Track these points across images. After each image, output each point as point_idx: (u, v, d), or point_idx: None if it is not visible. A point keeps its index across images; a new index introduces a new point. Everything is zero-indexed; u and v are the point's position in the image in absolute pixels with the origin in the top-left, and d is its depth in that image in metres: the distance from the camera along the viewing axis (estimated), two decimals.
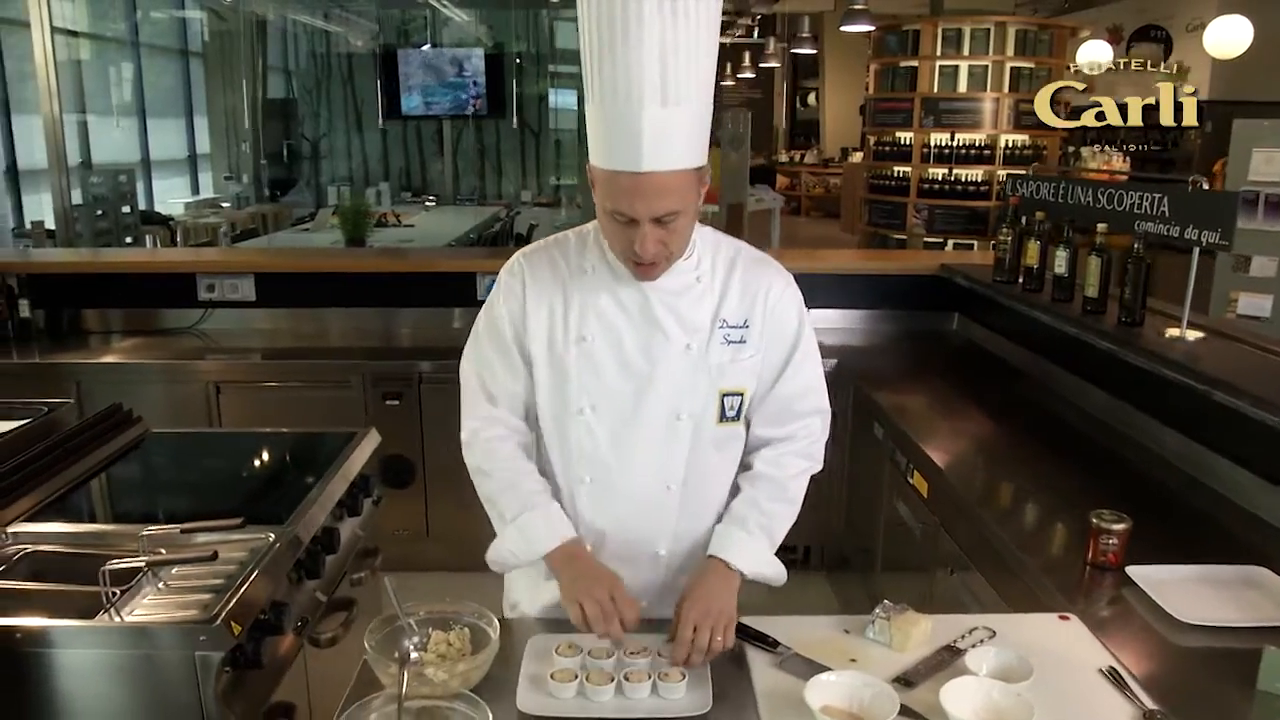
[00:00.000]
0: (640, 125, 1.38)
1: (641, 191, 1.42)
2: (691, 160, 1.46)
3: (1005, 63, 9.25)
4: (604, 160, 1.45)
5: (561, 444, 1.68)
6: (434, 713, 1.35)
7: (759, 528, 1.66)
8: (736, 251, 1.67)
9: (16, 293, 3.82)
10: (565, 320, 1.62)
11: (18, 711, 1.68)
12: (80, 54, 8.40)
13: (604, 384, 1.62)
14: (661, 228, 1.46)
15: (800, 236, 13.82)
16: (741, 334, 1.63)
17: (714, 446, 1.67)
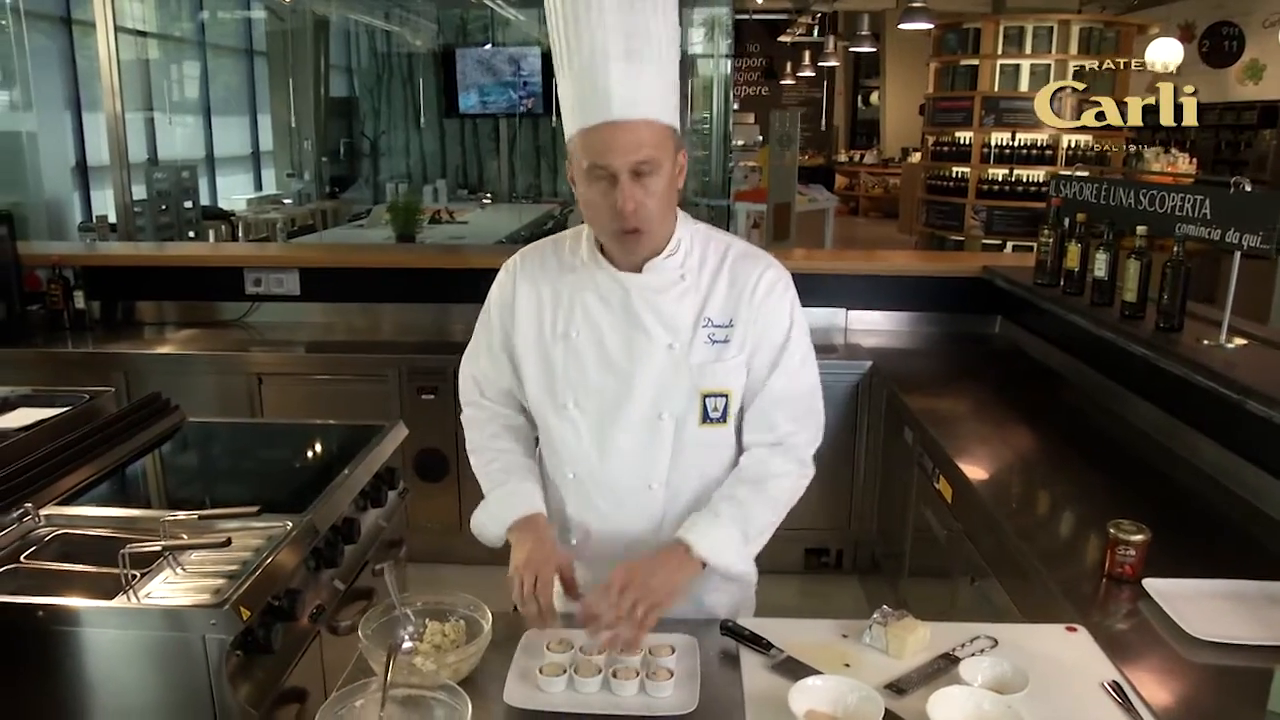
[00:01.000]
0: (609, 80, 1.44)
1: (616, 140, 1.45)
2: (662, 114, 1.49)
3: (1069, 61, 9.05)
4: (578, 120, 1.48)
5: (548, 438, 1.70)
6: (418, 702, 1.37)
7: (731, 518, 1.60)
8: (727, 247, 1.65)
9: (72, 284, 3.96)
10: (553, 315, 1.65)
11: (41, 685, 1.74)
12: (149, 53, 8.66)
13: (587, 380, 1.63)
14: (639, 184, 1.47)
15: (856, 238, 13.68)
16: (726, 333, 1.61)
17: (699, 448, 1.65)
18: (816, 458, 3.65)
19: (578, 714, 1.39)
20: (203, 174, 9.39)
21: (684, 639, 1.55)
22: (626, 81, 1.45)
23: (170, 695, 1.73)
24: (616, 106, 1.44)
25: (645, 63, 1.47)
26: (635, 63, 1.46)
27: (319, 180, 11.00)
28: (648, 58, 1.47)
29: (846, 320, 4.16)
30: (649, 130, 1.47)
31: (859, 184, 16.62)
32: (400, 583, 2.59)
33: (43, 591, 1.77)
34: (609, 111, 1.44)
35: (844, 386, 3.66)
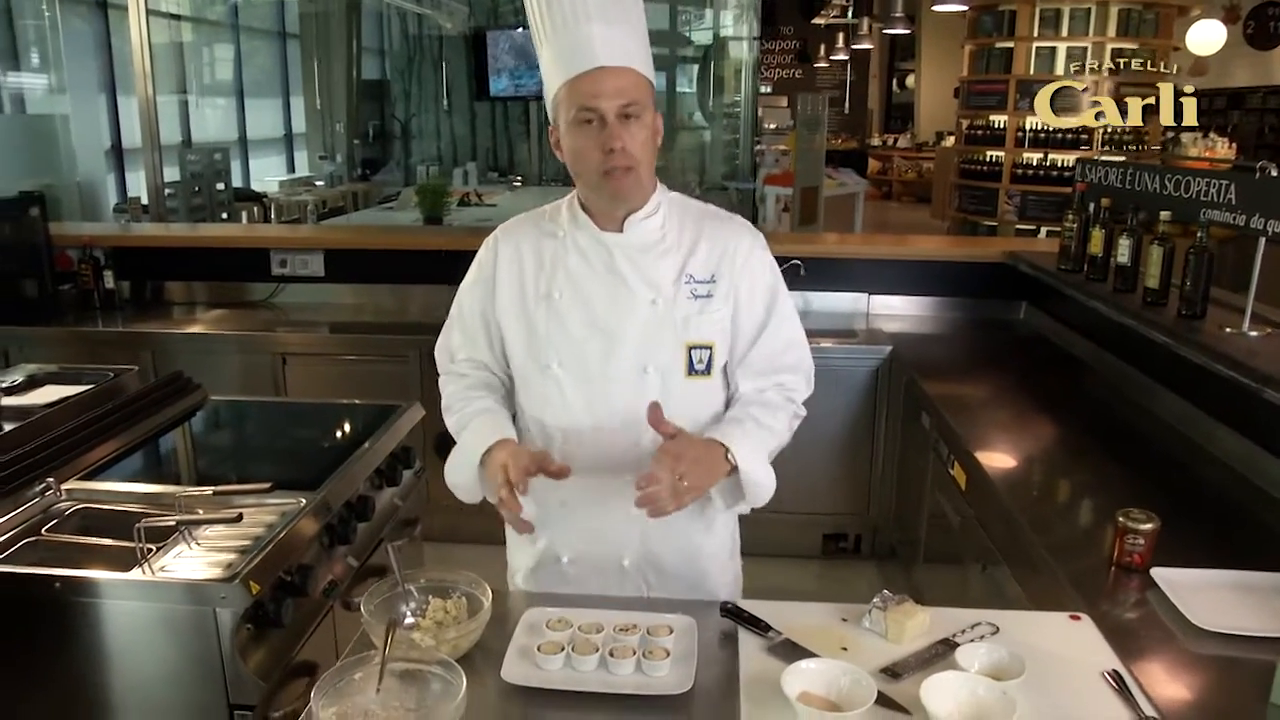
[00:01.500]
0: (591, 35, 1.54)
1: (604, 83, 1.53)
2: (641, 66, 1.58)
3: (1106, 44, 8.88)
4: (564, 73, 1.55)
5: (535, 400, 1.73)
6: (416, 676, 1.39)
7: (756, 427, 1.65)
8: (704, 212, 1.73)
9: (103, 265, 4.04)
10: (535, 279, 1.69)
11: (59, 654, 1.79)
12: (183, 37, 8.75)
13: (571, 340, 1.66)
14: (627, 128, 1.54)
15: (887, 223, 13.56)
16: (709, 289, 1.66)
17: (686, 401, 1.68)
18: (834, 442, 3.67)
19: (574, 692, 1.40)
20: (236, 156, 9.50)
21: (683, 620, 1.55)
22: (608, 36, 1.54)
23: (182, 666, 1.78)
24: (602, 54, 1.53)
25: (622, 24, 1.57)
26: (613, 24, 1.56)
27: (350, 163, 11.07)
28: (624, 20, 1.58)
29: (868, 305, 4.14)
30: (633, 77, 1.55)
31: (892, 168, 16.45)
32: (415, 560, 2.64)
33: (62, 564, 1.82)
34: (595, 59, 1.53)
35: (863, 372, 3.64)
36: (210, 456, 2.62)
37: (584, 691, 1.41)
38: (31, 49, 6.41)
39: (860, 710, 1.32)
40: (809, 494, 3.77)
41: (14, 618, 1.78)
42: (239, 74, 10.10)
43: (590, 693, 1.40)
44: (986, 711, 1.33)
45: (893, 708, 1.37)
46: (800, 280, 3.98)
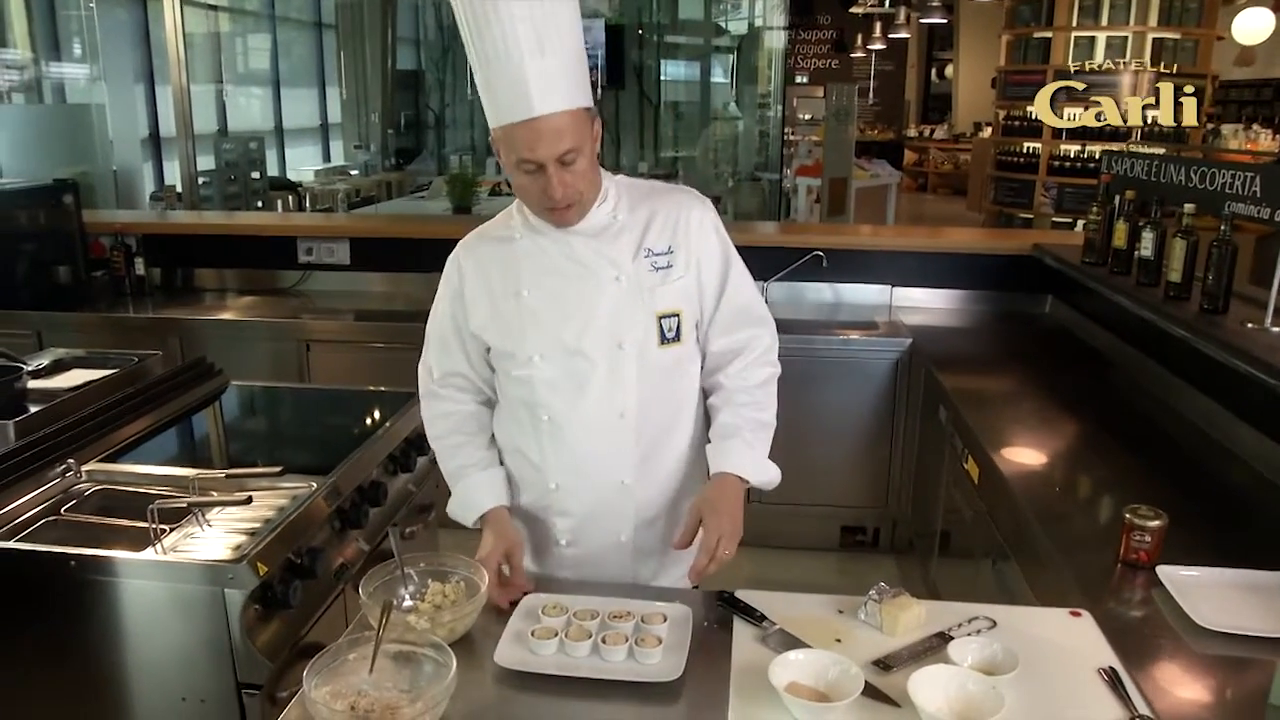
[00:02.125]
0: (525, 76, 1.49)
1: (540, 135, 1.51)
2: (578, 100, 1.55)
3: (1147, 33, 8.72)
4: (502, 117, 1.54)
5: (519, 393, 1.76)
6: (410, 657, 1.41)
7: (753, 434, 1.75)
8: (650, 189, 1.77)
9: (134, 252, 4.11)
10: (502, 282, 1.72)
11: (74, 631, 1.84)
12: (220, 27, 8.86)
13: (546, 331, 1.70)
14: (566, 170, 1.55)
15: (923, 215, 13.42)
16: (668, 259, 1.70)
17: (661, 370, 1.73)
18: (853, 434, 3.66)
19: (565, 677, 1.42)
20: (272, 145, 9.62)
21: (679, 609, 1.57)
22: (542, 76, 1.50)
23: (192, 644, 1.81)
24: (536, 102, 1.50)
25: (557, 55, 1.52)
26: (548, 56, 1.50)
27: (384, 152, 11.17)
28: (559, 49, 1.52)
29: (891, 297, 4.11)
30: (569, 119, 1.53)
31: (928, 160, 16.26)
32: (430, 546, 2.67)
33: (78, 543, 1.86)
34: (529, 108, 1.50)
35: (884, 364, 3.62)
36: (229, 441, 2.67)
37: (575, 677, 1.42)
38: (73, 40, 6.54)
39: (846, 701, 1.33)
40: (827, 486, 3.76)
41: (32, 594, 1.83)
42: (275, 64, 10.21)
43: (582, 678, 1.42)
44: (975, 706, 1.33)
45: (881, 700, 1.37)
46: (822, 271, 3.96)
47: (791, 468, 3.76)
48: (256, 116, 9.84)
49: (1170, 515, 1.81)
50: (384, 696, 1.33)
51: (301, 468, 2.23)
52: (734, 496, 1.68)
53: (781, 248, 4.03)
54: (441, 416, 1.85)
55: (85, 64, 6.57)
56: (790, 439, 3.61)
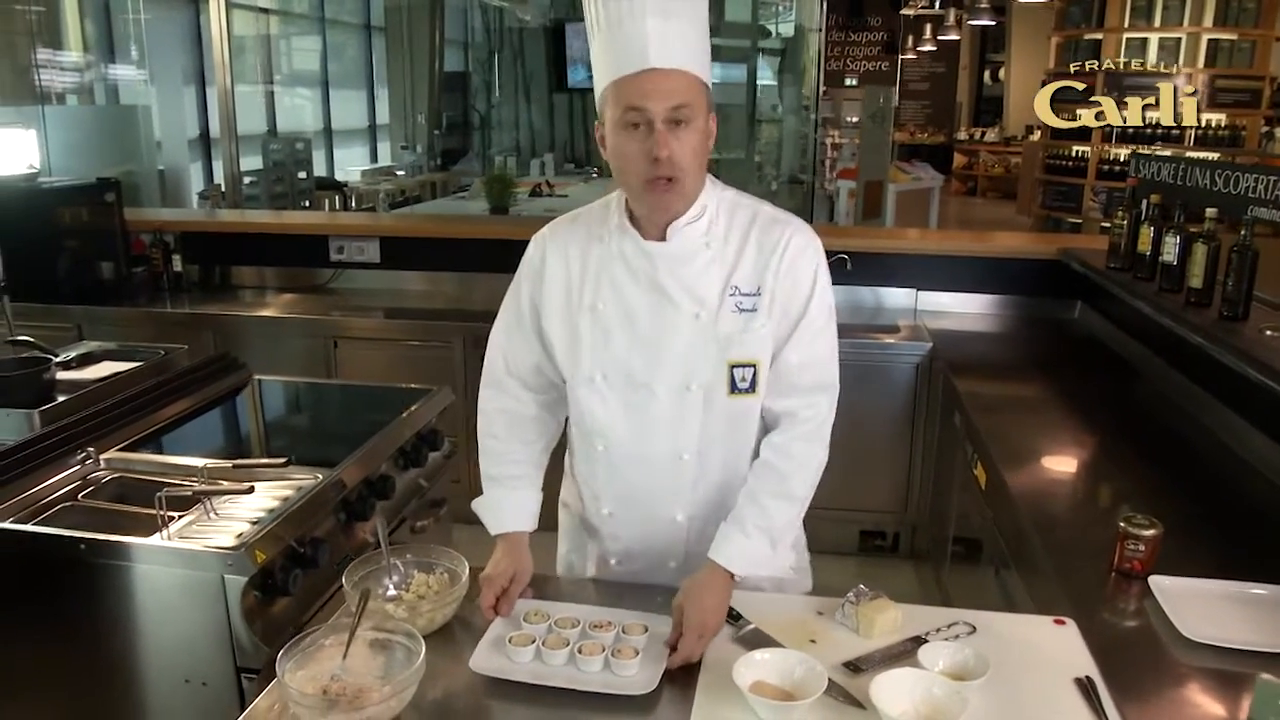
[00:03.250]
0: (645, 31, 1.45)
1: (654, 85, 1.45)
2: (696, 67, 1.50)
3: (1201, 34, 8.51)
4: (614, 72, 1.48)
5: (577, 410, 1.70)
6: (385, 644, 1.45)
7: (757, 529, 1.61)
8: (755, 213, 1.63)
9: (171, 249, 4.24)
10: (580, 287, 1.65)
11: (84, 612, 1.91)
12: (271, 29, 9.07)
13: (613, 352, 1.63)
14: (674, 133, 1.47)
15: (970, 219, 13.24)
16: (754, 301, 1.59)
17: (728, 418, 1.64)
18: (874, 438, 3.63)
19: (539, 685, 1.41)
20: (320, 146, 9.81)
21: (662, 622, 1.54)
22: (663, 34, 1.46)
23: (194, 628, 1.87)
24: (654, 54, 1.45)
25: (679, 20, 1.48)
26: (670, 19, 1.47)
27: (430, 153, 11.32)
28: (681, 16, 1.49)
29: (916, 301, 4.07)
30: (685, 79, 1.48)
31: (978, 163, 16.03)
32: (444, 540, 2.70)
33: (92, 528, 1.92)
34: (646, 59, 1.45)
35: (904, 368, 3.59)
36: (246, 433, 2.74)
37: (549, 686, 1.41)
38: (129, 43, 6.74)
39: (808, 700, 1.33)
40: (847, 490, 3.73)
41: (46, 576, 1.91)
42: (325, 66, 10.41)
43: (554, 687, 1.41)
44: (940, 710, 1.32)
45: (847, 701, 1.38)
46: (847, 274, 3.94)
47: None
48: (306, 117, 10.04)
49: (1178, 526, 1.79)
50: (356, 682, 1.37)
51: (317, 460, 2.28)
52: (718, 588, 1.56)
53: None
54: (499, 412, 1.77)
55: (138, 67, 6.76)
56: None
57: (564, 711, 1.38)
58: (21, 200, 3.88)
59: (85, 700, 1.98)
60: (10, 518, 1.97)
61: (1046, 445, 2.54)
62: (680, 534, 1.73)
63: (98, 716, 1.98)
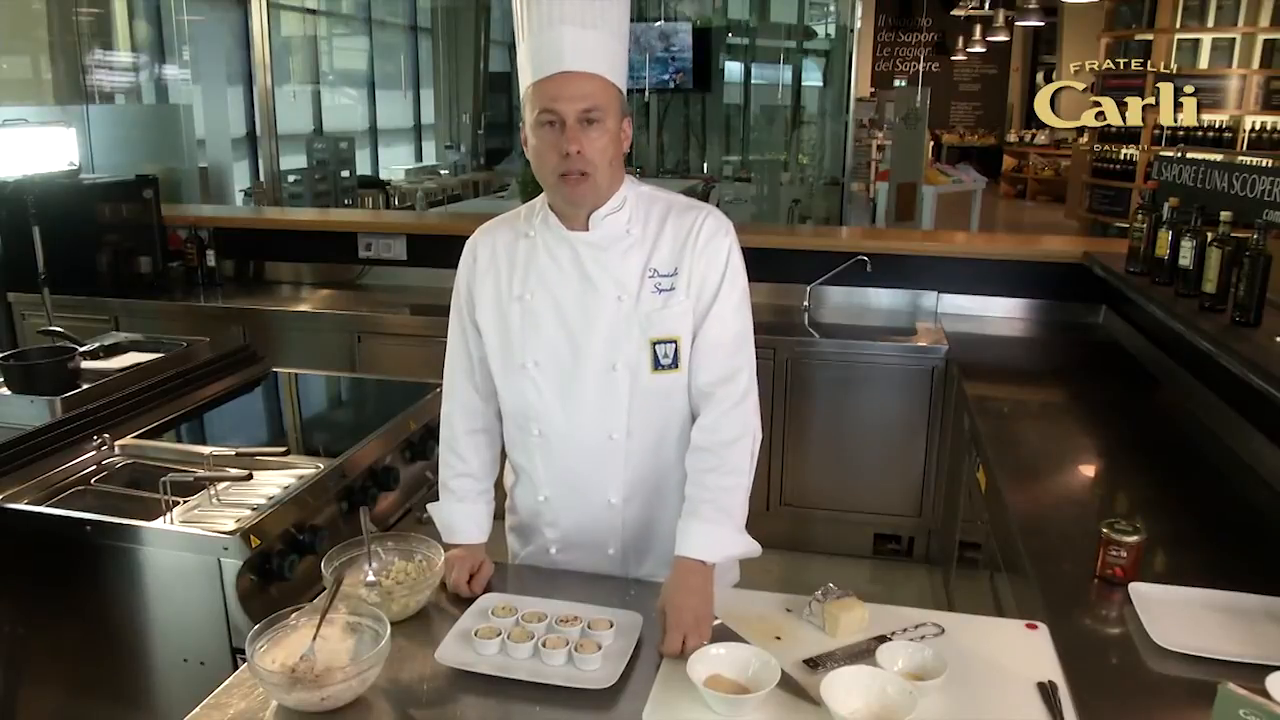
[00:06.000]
0: (562, 37, 1.55)
1: (567, 88, 1.55)
2: (610, 72, 1.59)
3: (1257, 35, 8.29)
4: (533, 73, 1.58)
5: (512, 400, 1.77)
6: (355, 627, 1.49)
7: (715, 511, 1.64)
8: (670, 203, 1.72)
9: (206, 244, 4.36)
10: (509, 282, 1.72)
11: (90, 591, 1.99)
12: (319, 31, 9.25)
13: (543, 339, 1.70)
14: (585, 132, 1.56)
15: (1017, 222, 13.05)
16: (672, 281, 1.67)
17: (654, 396, 1.70)
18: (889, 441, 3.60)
19: (502, 678, 1.44)
20: (366, 145, 9.98)
21: (629, 617, 1.57)
22: (579, 41, 1.56)
23: (192, 609, 1.94)
24: (569, 59, 1.55)
25: (596, 29, 1.58)
26: (588, 29, 1.56)
27: (474, 152, 11.45)
28: (599, 26, 1.58)
29: (938, 304, 4.04)
30: (597, 83, 1.57)
31: (1027, 165, 15.77)
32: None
33: (100, 511, 2.01)
34: (561, 63, 1.55)
35: (920, 371, 3.57)
36: (260, 423, 2.82)
37: (511, 679, 1.44)
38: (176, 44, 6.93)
39: (759, 694, 1.35)
40: (862, 492, 3.73)
41: (55, 556, 1.99)
42: (371, 67, 10.59)
43: (517, 680, 1.44)
44: (891, 708, 1.33)
45: (801, 697, 1.39)
46: (866, 276, 3.92)
47: (827, 473, 3.78)
48: (353, 117, 10.22)
49: (1179, 535, 1.77)
50: (325, 662, 1.41)
51: (327, 450, 2.35)
52: (696, 584, 1.58)
53: (824, 251, 4.00)
54: (457, 420, 1.85)
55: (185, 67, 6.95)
56: (827, 444, 3.67)
57: (525, 704, 1.41)
58: (63, 196, 4.02)
59: (89, 676, 2.06)
60: (26, 499, 2.06)
61: (1049, 451, 2.52)
62: (616, 518, 1.78)
63: (100, 692, 2.06)
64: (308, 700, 1.34)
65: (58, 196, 3.98)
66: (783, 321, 3.98)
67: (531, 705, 1.41)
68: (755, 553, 1.73)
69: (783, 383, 3.67)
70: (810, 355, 3.67)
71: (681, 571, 1.61)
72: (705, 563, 1.61)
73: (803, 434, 3.71)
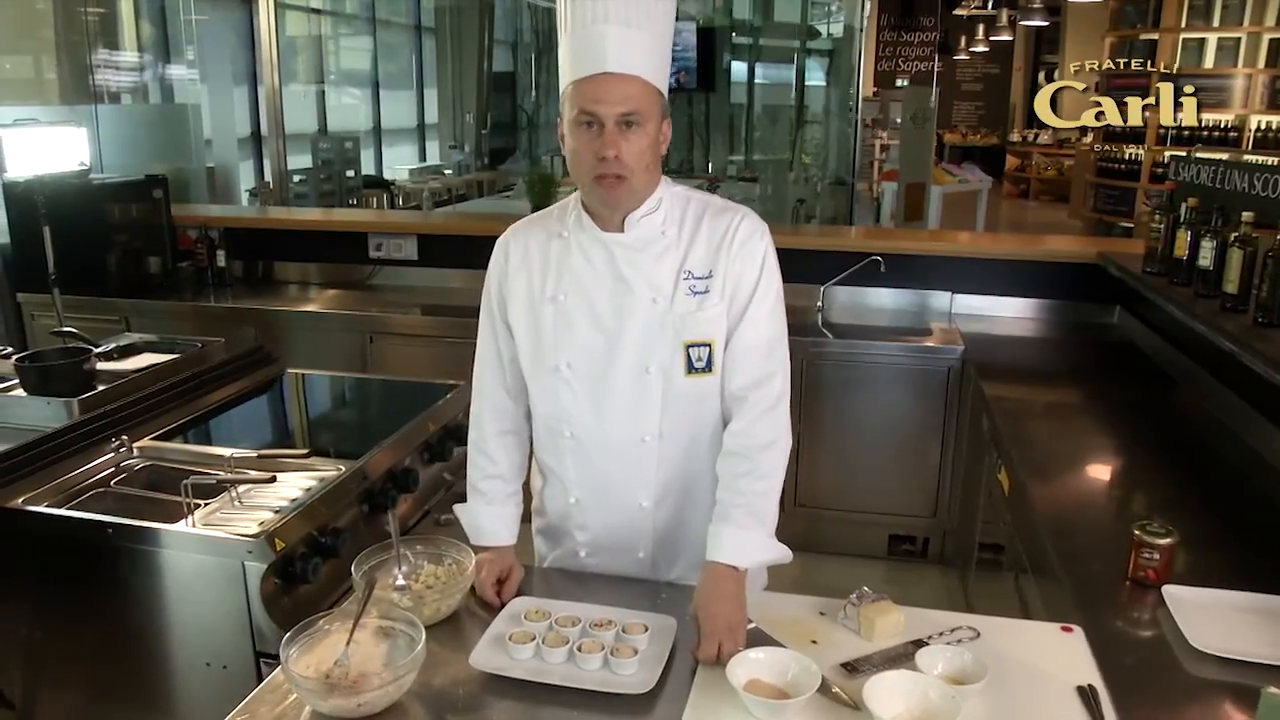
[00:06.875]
0: (605, 37, 1.53)
1: (607, 89, 1.53)
2: (652, 75, 1.56)
3: (1262, 34, 8.28)
4: (573, 73, 1.56)
5: (544, 402, 1.75)
6: (388, 632, 1.48)
7: (747, 516, 1.63)
8: (705, 204, 1.70)
9: (216, 244, 4.34)
10: (542, 281, 1.71)
11: (111, 594, 1.98)
12: (323, 30, 9.23)
13: (576, 341, 1.68)
14: (623, 135, 1.54)
15: (1020, 222, 13.04)
16: (706, 284, 1.65)
17: (687, 399, 1.69)
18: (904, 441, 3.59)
19: (538, 683, 1.42)
20: (370, 145, 9.96)
21: (664, 621, 1.56)
22: (623, 41, 1.53)
23: (215, 612, 1.93)
24: (611, 59, 1.52)
25: (640, 30, 1.55)
26: (631, 28, 1.54)
27: (478, 152, 11.43)
28: (642, 26, 1.56)
29: (951, 304, 4.03)
30: (638, 85, 1.54)
31: (1030, 165, 15.77)
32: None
33: (121, 514, 2.00)
34: (603, 64, 1.52)
35: (935, 371, 3.56)
36: (276, 424, 2.80)
37: (547, 684, 1.42)
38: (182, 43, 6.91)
39: (800, 699, 1.33)
40: (877, 493, 3.72)
41: (74, 558, 1.98)
42: (375, 66, 10.57)
43: (553, 685, 1.42)
44: (933, 713, 1.32)
45: (841, 702, 1.38)
46: (880, 277, 3.91)
47: (842, 474, 3.76)
48: (357, 117, 10.20)
49: (1206, 537, 1.76)
50: (359, 668, 1.40)
51: (345, 452, 2.33)
52: (729, 590, 1.57)
53: (838, 252, 3.99)
54: (487, 420, 1.83)
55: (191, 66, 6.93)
56: (842, 445, 3.66)
57: (561, 709, 1.39)
58: (73, 195, 4.00)
59: (111, 679, 2.05)
60: (46, 501, 2.04)
61: (1071, 452, 2.51)
62: (647, 521, 1.77)
63: (122, 695, 2.05)
64: (344, 707, 1.33)
65: (68, 196, 3.96)
66: (796, 322, 3.95)
67: (568, 710, 1.39)
68: (786, 559, 1.71)
69: (797, 384, 3.64)
70: (824, 356, 3.66)
71: (713, 577, 1.59)
72: (737, 568, 1.60)
73: (817, 435, 3.70)
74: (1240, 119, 8.48)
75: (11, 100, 5.18)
